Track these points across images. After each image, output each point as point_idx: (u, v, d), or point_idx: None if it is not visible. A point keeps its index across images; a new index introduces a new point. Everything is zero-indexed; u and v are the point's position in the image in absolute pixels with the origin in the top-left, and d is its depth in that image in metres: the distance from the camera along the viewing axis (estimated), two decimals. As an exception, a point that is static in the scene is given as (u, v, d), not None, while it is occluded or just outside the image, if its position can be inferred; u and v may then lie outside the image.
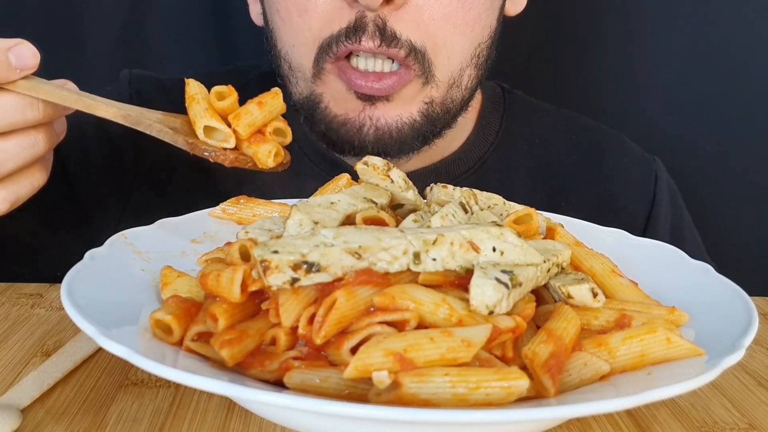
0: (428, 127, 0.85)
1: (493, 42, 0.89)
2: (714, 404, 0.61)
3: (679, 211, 1.05)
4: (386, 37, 0.78)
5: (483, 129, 1.00)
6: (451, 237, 0.52)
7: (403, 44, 0.79)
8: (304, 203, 0.59)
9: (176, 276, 0.59)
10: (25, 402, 0.56)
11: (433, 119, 0.85)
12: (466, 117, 0.97)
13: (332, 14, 0.79)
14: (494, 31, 0.88)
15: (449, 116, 0.88)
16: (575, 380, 0.49)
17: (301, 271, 0.48)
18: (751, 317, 0.54)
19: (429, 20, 0.80)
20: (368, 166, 0.65)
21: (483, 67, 0.88)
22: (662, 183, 1.03)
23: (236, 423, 0.55)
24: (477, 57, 0.86)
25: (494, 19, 0.87)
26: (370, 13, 0.77)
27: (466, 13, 0.81)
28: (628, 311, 0.55)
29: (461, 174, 0.98)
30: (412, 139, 0.84)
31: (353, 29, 0.78)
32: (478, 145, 0.99)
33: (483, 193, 0.68)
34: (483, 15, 0.84)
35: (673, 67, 1.26)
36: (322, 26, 0.80)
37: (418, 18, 0.79)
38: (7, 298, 0.77)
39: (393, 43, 0.78)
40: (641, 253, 0.70)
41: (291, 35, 0.83)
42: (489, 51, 0.88)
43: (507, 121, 1.02)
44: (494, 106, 1.03)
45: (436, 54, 0.81)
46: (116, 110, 0.64)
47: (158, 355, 0.48)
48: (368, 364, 0.44)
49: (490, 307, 0.49)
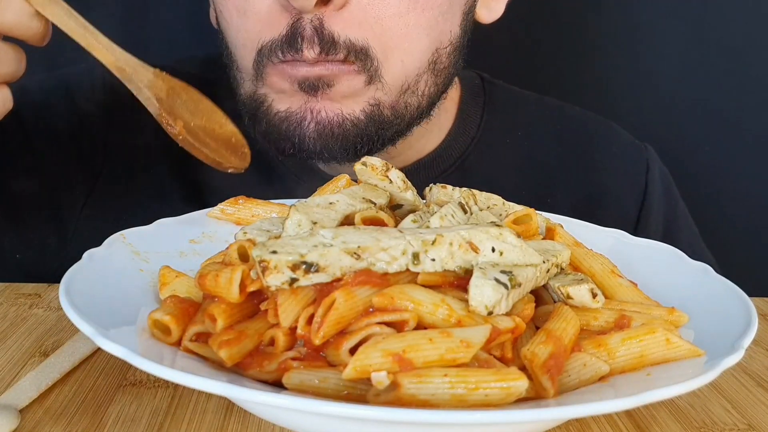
0: (373, 129, 0.80)
1: (455, 49, 0.85)
2: (713, 405, 0.61)
3: (673, 201, 1.02)
4: (324, 42, 0.74)
5: (463, 123, 0.96)
6: (450, 237, 0.51)
7: (341, 46, 0.75)
8: (303, 203, 0.59)
9: (174, 276, 0.59)
10: (24, 402, 0.56)
11: (380, 122, 0.80)
12: (445, 112, 0.94)
13: (270, 17, 0.76)
14: (457, 38, 0.84)
15: (403, 123, 0.83)
16: (574, 381, 0.49)
17: (300, 272, 0.48)
18: (750, 318, 0.53)
19: (375, 19, 0.76)
20: (366, 166, 0.65)
21: (443, 74, 0.84)
22: (654, 172, 1.00)
23: (235, 423, 0.55)
24: (435, 63, 0.82)
25: (456, 25, 0.83)
26: (306, 16, 0.74)
27: (420, 15, 0.78)
28: (628, 312, 0.55)
29: (441, 173, 0.94)
30: (354, 138, 0.79)
31: (291, 35, 0.75)
32: (459, 141, 0.95)
33: (482, 193, 0.68)
34: (440, 18, 0.80)
35: (673, 64, 1.26)
36: (260, 29, 0.77)
37: (361, 17, 0.75)
38: (5, 298, 0.77)
39: (332, 49, 0.75)
40: (641, 254, 0.70)
41: (233, 36, 0.81)
42: (451, 58, 0.84)
43: (488, 113, 0.98)
44: (474, 98, 0.99)
45: (386, 55, 0.77)
46: (113, 59, 0.62)
47: (157, 355, 0.48)
48: (367, 365, 0.44)
49: (489, 307, 0.49)
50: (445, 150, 0.95)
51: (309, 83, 0.77)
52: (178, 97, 0.67)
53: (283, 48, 0.75)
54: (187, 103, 0.68)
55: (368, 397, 0.44)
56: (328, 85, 0.77)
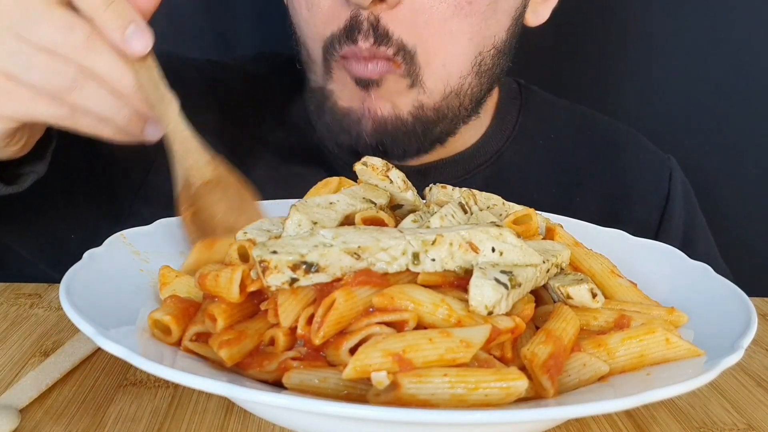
0: (419, 129, 0.86)
1: (499, 52, 0.88)
2: (713, 405, 0.61)
3: (692, 210, 1.06)
4: (379, 34, 0.79)
5: (500, 123, 1.01)
6: (450, 237, 0.51)
7: (394, 43, 0.80)
8: (303, 203, 0.59)
9: (174, 276, 0.59)
10: (24, 402, 0.56)
11: (425, 122, 0.86)
12: (484, 112, 0.98)
13: (332, 12, 0.81)
14: (502, 42, 0.88)
15: (447, 122, 0.88)
16: (574, 381, 0.49)
17: (300, 272, 0.48)
18: (750, 318, 0.54)
19: (423, 24, 0.80)
20: (367, 166, 0.65)
21: (487, 75, 0.88)
22: (676, 181, 1.04)
23: (235, 423, 0.55)
24: (479, 65, 0.86)
25: (502, 30, 0.87)
26: (363, 12, 0.79)
27: (462, 21, 0.82)
28: (627, 312, 0.55)
29: (478, 166, 0.98)
30: (403, 136, 0.85)
31: (350, 28, 0.80)
32: (496, 139, 1.00)
33: (482, 193, 0.68)
34: (483, 24, 0.84)
35: (688, 67, 1.26)
36: (324, 23, 0.82)
37: (412, 19, 0.80)
38: (5, 298, 0.77)
39: (384, 41, 0.80)
40: (640, 254, 0.70)
41: (303, 28, 0.87)
42: (495, 59, 0.88)
43: (523, 115, 1.03)
44: (511, 101, 1.04)
45: (428, 61, 0.82)
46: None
47: (157, 355, 0.48)
48: (367, 365, 0.44)
49: (489, 307, 0.49)
50: (483, 146, 0.99)
51: (362, 81, 0.83)
52: (220, 189, 0.67)
53: (341, 39, 0.81)
54: (229, 198, 0.67)
55: (368, 397, 0.44)
56: (377, 84, 0.83)
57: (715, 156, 1.30)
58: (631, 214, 0.99)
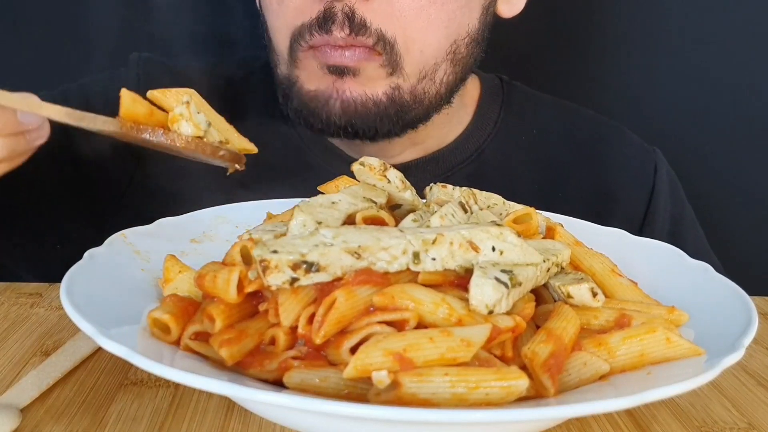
0: (393, 111, 0.86)
1: (473, 40, 0.89)
2: (714, 404, 0.61)
3: (679, 203, 1.05)
4: (355, 24, 0.80)
5: (481, 119, 1.01)
6: (450, 237, 0.51)
7: (372, 32, 0.80)
8: (306, 203, 0.59)
9: (178, 271, 0.59)
10: (25, 402, 0.56)
11: (400, 104, 0.86)
12: (464, 108, 0.98)
13: (304, 4, 0.82)
14: (475, 31, 0.89)
15: (421, 108, 0.88)
16: (575, 380, 0.49)
17: (301, 271, 0.48)
18: (750, 317, 0.54)
19: (400, 12, 0.81)
20: (364, 166, 0.65)
21: (462, 64, 0.89)
22: (662, 174, 1.03)
23: (235, 423, 0.55)
24: (453, 53, 0.87)
25: (474, 19, 0.88)
26: (338, 3, 0.79)
27: (440, 9, 0.83)
28: (628, 311, 0.55)
29: (459, 164, 0.98)
30: (374, 116, 0.85)
31: (323, 19, 0.80)
32: (476, 136, 1.00)
33: (482, 192, 0.68)
34: (458, 12, 0.85)
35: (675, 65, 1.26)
36: (294, 15, 0.83)
37: (389, 9, 0.81)
38: (6, 297, 0.77)
39: (362, 31, 0.80)
40: (641, 253, 0.70)
41: (271, 21, 0.88)
42: (469, 48, 0.89)
43: (505, 112, 1.02)
44: (492, 98, 1.03)
45: (407, 48, 0.83)
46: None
47: (158, 354, 0.48)
48: (368, 364, 0.44)
49: (490, 306, 0.49)
50: (463, 143, 0.99)
51: (337, 69, 0.83)
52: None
53: (313, 29, 0.81)
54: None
55: (369, 396, 0.44)
56: (354, 73, 0.83)
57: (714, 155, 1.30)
58: (616, 209, 0.99)
